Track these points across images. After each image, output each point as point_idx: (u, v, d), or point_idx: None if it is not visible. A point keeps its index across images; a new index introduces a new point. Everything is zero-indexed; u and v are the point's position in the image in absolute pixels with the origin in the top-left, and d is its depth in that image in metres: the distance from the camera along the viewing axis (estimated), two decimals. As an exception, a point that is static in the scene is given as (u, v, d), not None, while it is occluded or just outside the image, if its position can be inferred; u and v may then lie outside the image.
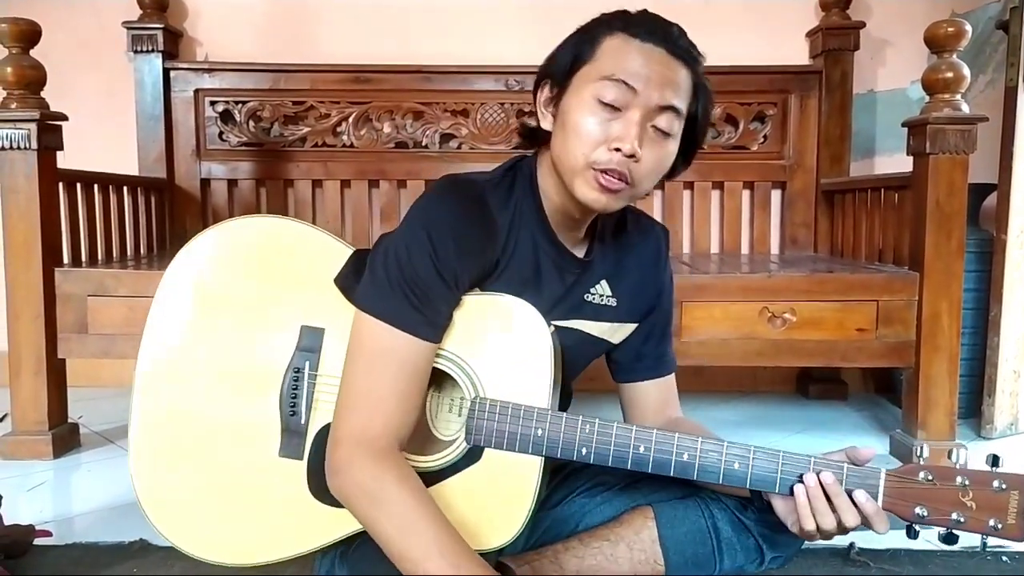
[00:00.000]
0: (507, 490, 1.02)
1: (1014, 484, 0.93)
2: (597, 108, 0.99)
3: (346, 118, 2.57)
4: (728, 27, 2.64)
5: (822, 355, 1.93)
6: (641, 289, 1.20)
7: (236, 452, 1.05)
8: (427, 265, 0.98)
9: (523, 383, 1.02)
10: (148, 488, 1.06)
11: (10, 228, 1.89)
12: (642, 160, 0.99)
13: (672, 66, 1.00)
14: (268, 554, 1.03)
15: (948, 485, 0.95)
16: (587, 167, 1.00)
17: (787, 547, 1.18)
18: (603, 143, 0.98)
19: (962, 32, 1.86)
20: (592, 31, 1.03)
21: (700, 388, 2.64)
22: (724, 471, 1.00)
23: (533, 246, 1.08)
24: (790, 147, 2.60)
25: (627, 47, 0.99)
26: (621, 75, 0.98)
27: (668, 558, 1.13)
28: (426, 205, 1.02)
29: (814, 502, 0.98)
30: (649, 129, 0.99)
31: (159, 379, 1.08)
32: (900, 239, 2.02)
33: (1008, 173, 2.11)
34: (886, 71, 2.70)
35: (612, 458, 1.03)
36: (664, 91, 0.99)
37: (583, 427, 1.02)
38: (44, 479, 1.80)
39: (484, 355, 1.03)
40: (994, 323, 2.16)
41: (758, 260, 2.45)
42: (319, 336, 1.06)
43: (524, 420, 1.01)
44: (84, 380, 2.25)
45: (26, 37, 1.91)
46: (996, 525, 0.93)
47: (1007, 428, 2.17)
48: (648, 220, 1.27)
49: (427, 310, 0.98)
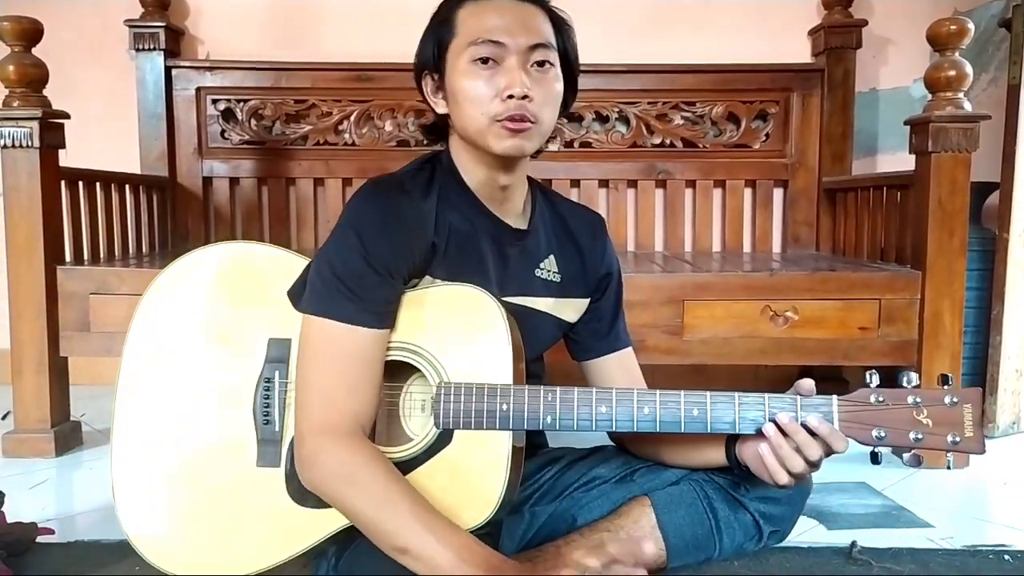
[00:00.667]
0: (480, 467, 1.04)
1: (966, 398, 0.95)
2: (477, 70, 1.06)
3: (348, 116, 2.57)
4: (730, 25, 2.64)
5: (824, 354, 1.93)
6: (583, 263, 1.25)
7: (216, 469, 1.08)
8: (359, 262, 1.03)
9: (485, 364, 1.06)
10: (133, 517, 1.09)
11: (12, 226, 1.89)
12: (535, 97, 1.06)
13: (523, 10, 1.08)
14: (254, 565, 1.05)
15: (901, 404, 0.97)
16: (491, 122, 1.06)
17: (784, 521, 1.20)
18: (495, 96, 1.05)
19: (964, 30, 1.86)
20: (443, 12, 1.12)
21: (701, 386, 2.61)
22: (684, 419, 1.04)
23: (467, 222, 1.13)
24: (792, 145, 2.60)
25: (479, 10, 1.08)
26: (485, 35, 1.06)
27: (669, 542, 1.15)
28: (352, 208, 1.08)
29: (778, 450, 1.01)
30: (530, 69, 1.06)
31: (136, 402, 1.12)
32: (902, 238, 2.02)
33: (1011, 171, 2.10)
34: (888, 69, 2.69)
35: (577, 422, 1.05)
36: (528, 32, 1.06)
37: (545, 396, 1.05)
38: (46, 477, 1.81)
39: (445, 342, 1.07)
40: (996, 322, 2.16)
41: (760, 258, 2.44)
42: (286, 346, 1.10)
43: (488, 397, 1.04)
44: (86, 378, 2.25)
45: (28, 35, 1.91)
46: (955, 440, 0.95)
47: (1009, 427, 2.17)
48: (582, 206, 1.35)
49: (362, 299, 1.03)
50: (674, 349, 1.88)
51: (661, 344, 1.85)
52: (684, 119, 2.59)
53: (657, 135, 2.59)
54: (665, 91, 2.58)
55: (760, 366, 2.64)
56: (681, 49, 2.60)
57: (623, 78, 2.56)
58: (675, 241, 2.63)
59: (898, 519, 1.56)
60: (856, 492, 1.70)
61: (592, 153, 2.60)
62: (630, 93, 2.58)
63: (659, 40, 2.63)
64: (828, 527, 1.51)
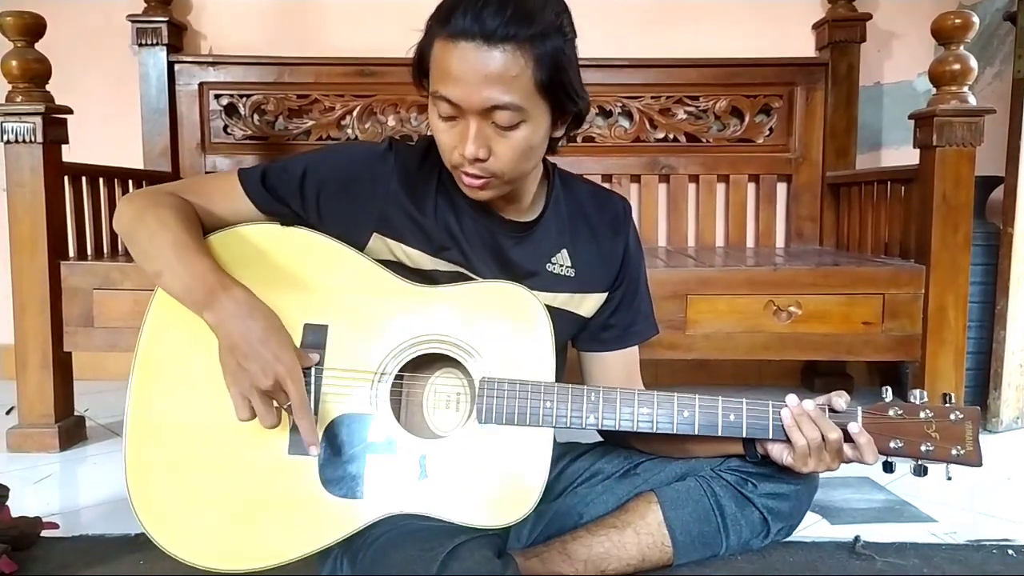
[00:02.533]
0: (521, 465, 1.04)
1: (968, 415, 1.08)
2: (440, 120, 1.03)
3: (350, 111, 2.57)
4: (734, 19, 2.63)
5: (828, 348, 1.93)
6: (600, 260, 1.22)
7: (243, 456, 1.05)
8: (298, 165, 1.13)
9: (526, 360, 1.05)
10: (145, 500, 1.05)
11: (16, 221, 1.90)
12: (496, 154, 1.02)
13: (488, 59, 0.96)
14: (283, 554, 1.02)
15: (916, 419, 1.08)
16: (454, 168, 1.06)
17: (790, 517, 1.20)
18: (454, 148, 1.02)
19: (969, 24, 1.85)
20: (426, 35, 1.05)
21: (705, 382, 2.63)
22: (721, 424, 1.08)
23: (455, 211, 1.14)
24: (796, 140, 2.59)
25: (444, 53, 1.00)
26: (442, 91, 1.00)
27: (675, 539, 1.15)
28: (353, 146, 1.14)
29: (800, 420, 1.07)
30: (492, 126, 1.00)
31: (155, 385, 1.08)
32: (906, 232, 2.02)
33: (1015, 166, 2.09)
34: (893, 63, 2.68)
35: (619, 422, 1.07)
36: (483, 92, 0.97)
37: (589, 396, 1.06)
38: (51, 472, 1.81)
39: (488, 338, 1.06)
40: (1000, 317, 2.15)
41: (763, 253, 2.44)
42: (322, 332, 1.07)
43: (532, 395, 1.04)
44: (90, 373, 2.26)
45: (31, 30, 1.91)
46: (958, 452, 1.07)
47: (1013, 422, 2.17)
48: (605, 192, 1.30)
49: (265, 177, 1.13)
50: (677, 344, 1.88)
51: (664, 339, 1.85)
52: (687, 113, 2.59)
53: (660, 129, 2.58)
54: (668, 85, 2.57)
55: (764, 361, 2.64)
56: (684, 43, 2.60)
57: (626, 72, 2.55)
58: (678, 236, 2.62)
59: (901, 514, 1.56)
60: (860, 487, 1.70)
61: (595, 148, 2.59)
62: (633, 87, 2.57)
63: (662, 34, 2.62)
64: (831, 522, 1.51)
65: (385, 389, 1.06)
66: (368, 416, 1.05)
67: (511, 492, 1.03)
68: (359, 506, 1.02)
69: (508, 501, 1.02)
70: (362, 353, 1.07)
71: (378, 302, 1.09)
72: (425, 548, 0.97)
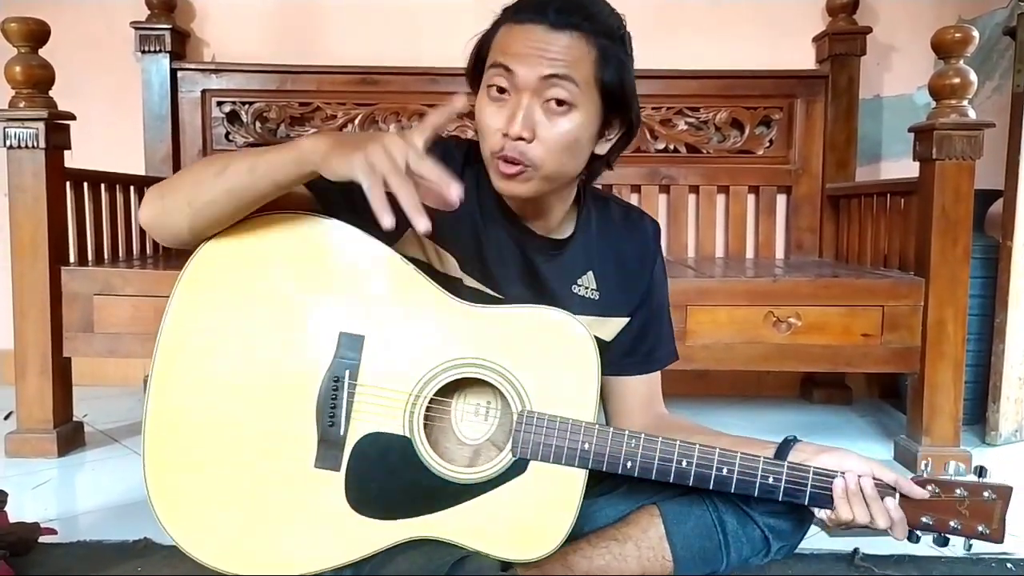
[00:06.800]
0: (551, 502, 1.01)
1: (1000, 494, 1.06)
2: (490, 98, 1.01)
3: (352, 120, 2.57)
4: (734, 31, 2.65)
5: (827, 360, 1.93)
6: (626, 284, 1.20)
7: (266, 461, 1.00)
8: None
9: (568, 395, 1.02)
10: (163, 494, 1.00)
11: (17, 226, 1.90)
12: (540, 138, 0.99)
13: (550, 38, 0.98)
14: (303, 567, 0.99)
15: (950, 497, 1.06)
16: (492, 157, 1.02)
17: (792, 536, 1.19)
18: (499, 130, 1.00)
19: (969, 38, 1.86)
20: (491, 28, 1.06)
21: (704, 392, 2.63)
22: (759, 486, 1.05)
23: (492, 223, 1.11)
24: (796, 152, 2.60)
25: (509, 33, 1.01)
26: (501, 59, 1.00)
27: (676, 554, 1.14)
28: None
29: (852, 497, 1.03)
30: (545, 106, 0.99)
31: (177, 377, 1.02)
32: (906, 244, 2.02)
33: (1014, 179, 2.10)
34: (892, 76, 2.70)
35: (656, 471, 1.04)
36: (541, 64, 0.98)
37: (629, 441, 1.03)
38: (49, 477, 1.81)
39: (530, 368, 1.02)
40: (999, 330, 2.15)
41: (763, 264, 2.44)
42: (359, 343, 1.01)
43: (572, 434, 1.01)
44: (89, 379, 2.26)
45: (35, 36, 1.92)
46: (984, 530, 1.05)
47: (1011, 435, 2.17)
48: (637, 213, 1.27)
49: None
50: (677, 354, 1.88)
51: (664, 349, 1.85)
52: (688, 124, 2.60)
53: (661, 140, 2.59)
54: (669, 96, 2.58)
55: (763, 372, 2.64)
56: (685, 54, 2.61)
57: (627, 83, 2.56)
58: (678, 246, 2.63)
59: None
60: (858, 499, 1.69)
61: (596, 158, 2.59)
62: (634, 98, 2.58)
63: (663, 45, 2.63)
64: (830, 533, 1.50)
65: (419, 412, 1.02)
66: (400, 437, 1.02)
67: (539, 528, 1.00)
68: (382, 527, 0.99)
69: (535, 537, 1.00)
70: (399, 371, 1.02)
71: (418, 316, 1.03)
72: (432, 556, 0.96)
